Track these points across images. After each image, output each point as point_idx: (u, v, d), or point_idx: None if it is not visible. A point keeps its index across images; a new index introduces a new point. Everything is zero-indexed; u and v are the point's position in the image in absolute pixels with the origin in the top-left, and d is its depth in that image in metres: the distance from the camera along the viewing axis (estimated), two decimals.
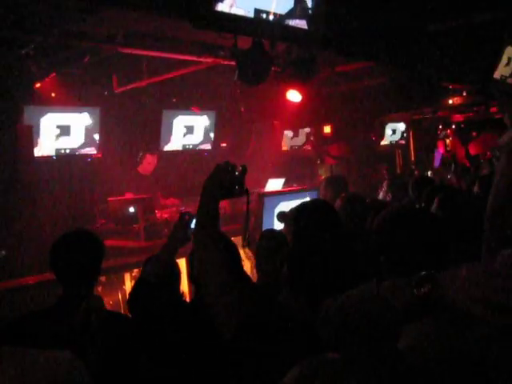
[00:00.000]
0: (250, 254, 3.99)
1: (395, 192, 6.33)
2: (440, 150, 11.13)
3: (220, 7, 4.05)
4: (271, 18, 4.45)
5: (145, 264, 3.27)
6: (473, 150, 10.87)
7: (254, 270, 3.91)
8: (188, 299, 3.70)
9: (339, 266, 2.16)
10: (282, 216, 3.42)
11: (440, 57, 6.55)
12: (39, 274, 4.27)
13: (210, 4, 3.99)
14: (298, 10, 4.63)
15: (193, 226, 2.91)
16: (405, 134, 11.23)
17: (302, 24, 4.69)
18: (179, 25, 4.48)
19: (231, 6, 4.11)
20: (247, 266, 4.16)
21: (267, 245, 3.31)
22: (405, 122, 11.09)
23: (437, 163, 10.90)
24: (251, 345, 1.87)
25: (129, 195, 6.56)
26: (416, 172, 9.37)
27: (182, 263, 3.64)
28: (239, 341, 1.87)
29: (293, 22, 4.64)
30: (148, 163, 7.10)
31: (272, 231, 3.60)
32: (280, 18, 4.52)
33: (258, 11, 4.35)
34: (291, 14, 4.60)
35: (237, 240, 3.47)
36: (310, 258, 2.19)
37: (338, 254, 2.25)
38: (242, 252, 3.18)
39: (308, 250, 2.28)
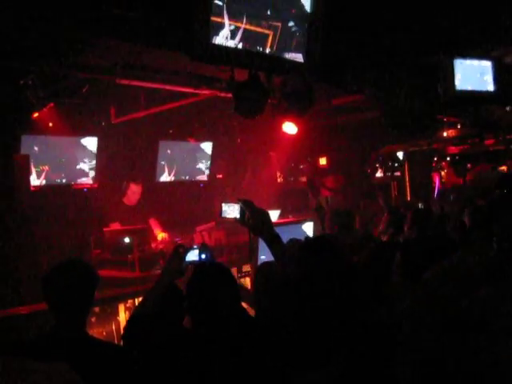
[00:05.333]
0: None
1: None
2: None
3: (217, 40, 4.11)
4: (267, 50, 4.51)
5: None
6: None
7: None
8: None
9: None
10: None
11: (435, 89, 6.59)
12: (32, 303, 4.23)
13: (208, 37, 4.04)
14: (294, 43, 4.69)
15: (187, 258, 2.86)
16: (400, 166, 11.27)
17: (298, 57, 4.75)
18: (177, 57, 4.53)
19: (226, 38, 4.17)
20: None
21: (265, 279, 3.25)
22: (401, 154, 11.14)
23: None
24: None
25: (116, 226, 6.49)
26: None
27: None
28: None
29: (289, 55, 4.70)
30: (132, 192, 6.80)
31: (269, 264, 3.41)
32: (276, 51, 4.57)
33: (254, 44, 4.41)
34: (287, 47, 4.66)
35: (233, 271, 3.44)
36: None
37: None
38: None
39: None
